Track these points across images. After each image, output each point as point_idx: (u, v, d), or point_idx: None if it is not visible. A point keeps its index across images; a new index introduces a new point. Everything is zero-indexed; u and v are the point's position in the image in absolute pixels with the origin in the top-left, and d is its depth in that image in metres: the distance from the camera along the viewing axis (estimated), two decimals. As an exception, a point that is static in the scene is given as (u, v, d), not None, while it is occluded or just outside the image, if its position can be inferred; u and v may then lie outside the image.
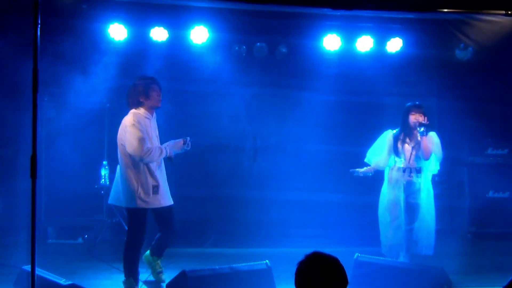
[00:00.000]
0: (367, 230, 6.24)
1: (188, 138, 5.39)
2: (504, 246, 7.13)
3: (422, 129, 5.81)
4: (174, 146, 5.35)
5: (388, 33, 7.38)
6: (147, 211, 5.22)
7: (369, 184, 6.27)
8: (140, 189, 5.10)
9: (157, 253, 5.50)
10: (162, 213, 5.32)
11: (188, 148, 5.41)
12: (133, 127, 5.06)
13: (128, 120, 5.15)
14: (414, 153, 5.92)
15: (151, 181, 5.15)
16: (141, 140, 5.02)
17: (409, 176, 5.95)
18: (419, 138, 5.88)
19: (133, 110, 5.23)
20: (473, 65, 7.64)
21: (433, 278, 5.17)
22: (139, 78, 5.38)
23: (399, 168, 5.99)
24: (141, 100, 5.23)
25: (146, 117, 5.21)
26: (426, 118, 5.89)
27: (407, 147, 5.94)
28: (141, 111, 5.22)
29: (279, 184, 7.83)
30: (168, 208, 5.32)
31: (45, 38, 3.53)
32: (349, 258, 5.32)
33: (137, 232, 5.19)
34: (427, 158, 5.93)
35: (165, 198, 5.27)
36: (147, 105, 5.24)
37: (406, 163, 5.95)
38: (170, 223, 5.39)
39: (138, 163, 5.10)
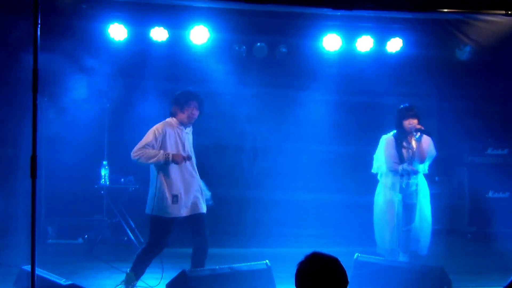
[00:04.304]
0: (367, 230, 6.24)
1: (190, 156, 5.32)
2: (504, 246, 7.13)
3: (418, 135, 5.86)
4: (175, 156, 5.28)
5: (388, 33, 7.38)
6: (167, 220, 5.18)
7: (369, 184, 6.26)
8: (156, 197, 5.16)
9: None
10: (191, 223, 5.31)
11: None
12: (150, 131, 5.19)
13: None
14: (411, 157, 5.92)
15: (168, 190, 5.16)
16: (143, 142, 5.10)
17: (408, 179, 5.95)
18: (414, 145, 5.90)
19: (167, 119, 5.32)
20: (473, 65, 7.64)
21: (433, 278, 5.17)
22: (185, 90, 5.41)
23: (396, 172, 5.98)
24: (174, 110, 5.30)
25: (176, 127, 5.25)
26: (419, 121, 5.89)
27: (405, 153, 5.93)
28: (173, 121, 5.28)
29: (279, 184, 7.83)
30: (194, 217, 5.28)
31: (45, 38, 3.53)
32: (349, 258, 5.32)
33: (152, 239, 5.24)
34: (422, 162, 5.96)
35: (182, 208, 5.21)
36: (179, 117, 5.28)
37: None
38: (201, 232, 5.34)
39: (157, 170, 5.16)
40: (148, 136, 5.13)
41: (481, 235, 8.00)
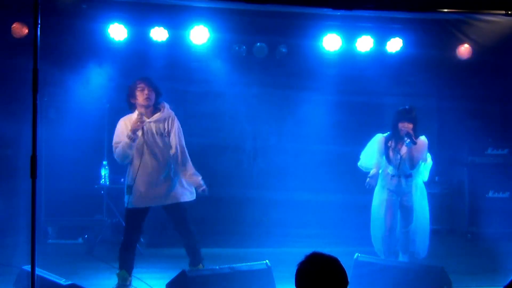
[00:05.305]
0: (367, 230, 6.24)
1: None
2: (504, 246, 7.13)
3: (408, 140, 5.71)
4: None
5: (388, 33, 7.38)
6: (133, 211, 5.29)
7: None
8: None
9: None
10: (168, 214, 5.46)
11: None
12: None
13: None
14: (402, 161, 5.85)
15: (128, 181, 5.33)
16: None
17: (398, 181, 5.91)
18: (404, 149, 5.83)
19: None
20: (473, 65, 7.64)
21: (433, 278, 5.17)
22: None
23: (387, 174, 5.96)
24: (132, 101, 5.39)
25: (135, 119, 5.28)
26: (414, 126, 5.80)
27: (397, 156, 5.89)
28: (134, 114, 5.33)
29: (279, 184, 7.84)
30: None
31: (45, 38, 3.53)
32: (349, 258, 5.32)
33: (125, 231, 5.42)
34: (411, 168, 5.87)
35: (139, 199, 5.28)
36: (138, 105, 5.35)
37: (395, 170, 5.91)
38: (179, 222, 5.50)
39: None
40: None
41: (481, 235, 7.99)
